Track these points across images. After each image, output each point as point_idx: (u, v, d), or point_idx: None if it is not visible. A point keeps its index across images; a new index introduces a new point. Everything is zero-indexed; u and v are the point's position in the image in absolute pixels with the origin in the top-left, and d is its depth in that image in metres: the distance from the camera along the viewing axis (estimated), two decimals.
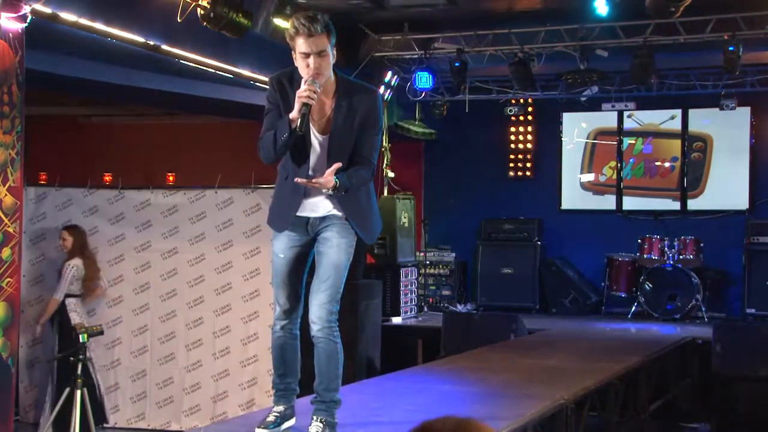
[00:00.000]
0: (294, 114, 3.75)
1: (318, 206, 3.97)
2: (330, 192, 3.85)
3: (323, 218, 3.98)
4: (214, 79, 8.28)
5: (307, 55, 3.75)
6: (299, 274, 4.08)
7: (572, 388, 5.56)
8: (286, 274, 4.05)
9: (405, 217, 10.61)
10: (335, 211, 3.97)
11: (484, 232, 12.18)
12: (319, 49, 3.74)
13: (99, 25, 6.57)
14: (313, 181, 3.82)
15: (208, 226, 8.60)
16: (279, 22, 7.73)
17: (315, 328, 3.94)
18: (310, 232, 4.01)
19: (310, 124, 3.88)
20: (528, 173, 12.95)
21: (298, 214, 3.99)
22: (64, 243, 8.15)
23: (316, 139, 3.92)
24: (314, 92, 3.73)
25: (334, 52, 3.85)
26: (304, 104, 3.72)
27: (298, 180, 3.84)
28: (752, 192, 11.74)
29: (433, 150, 13.16)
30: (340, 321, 4.04)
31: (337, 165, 3.81)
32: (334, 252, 3.95)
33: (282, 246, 4.05)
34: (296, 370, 4.20)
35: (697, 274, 10.86)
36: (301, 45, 3.76)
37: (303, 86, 3.75)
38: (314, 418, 3.97)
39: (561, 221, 12.44)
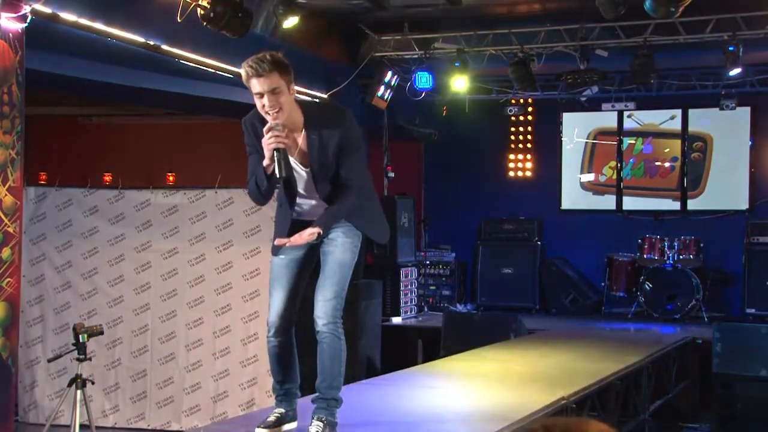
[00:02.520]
0: (266, 162, 3.77)
1: (319, 214, 3.95)
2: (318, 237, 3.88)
3: None
4: (214, 79, 8.27)
5: (261, 95, 3.76)
6: (299, 278, 4.06)
7: (572, 388, 5.56)
8: (285, 276, 4.04)
9: (405, 217, 10.61)
10: None
11: (484, 232, 12.18)
12: (271, 87, 3.73)
13: (99, 25, 6.57)
14: (293, 239, 3.86)
15: (208, 226, 8.59)
16: (286, 23, 7.76)
17: (320, 323, 3.94)
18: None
19: (293, 162, 3.91)
20: (528, 173, 12.95)
21: (302, 219, 3.99)
22: None
23: (300, 169, 3.94)
24: (279, 136, 3.73)
25: (293, 88, 3.82)
26: (276, 150, 3.73)
27: (278, 242, 3.92)
28: (752, 192, 11.74)
29: (433, 150, 13.16)
30: None
31: (317, 230, 3.82)
32: (339, 250, 3.97)
33: (284, 247, 4.05)
34: (296, 375, 4.18)
35: (697, 274, 10.85)
36: (254, 86, 3.76)
37: (266, 135, 3.75)
38: (315, 416, 3.97)
39: (561, 221, 12.44)
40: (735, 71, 9.88)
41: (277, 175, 3.76)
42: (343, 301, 3.98)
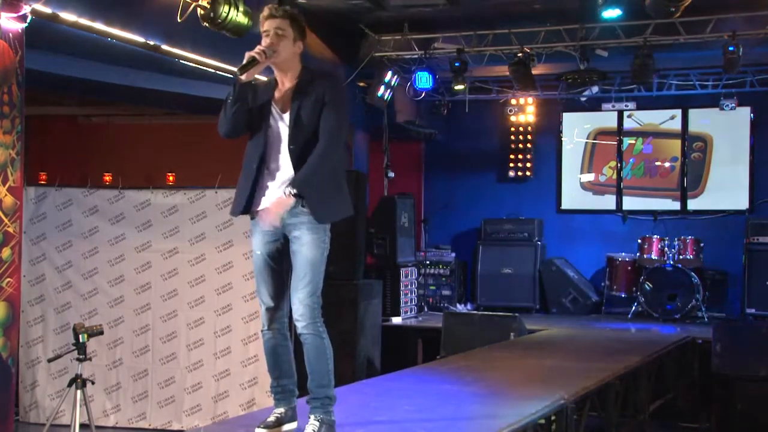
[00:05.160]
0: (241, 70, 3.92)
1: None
2: (294, 193, 3.88)
3: (290, 212, 3.93)
4: (214, 79, 8.28)
5: (267, 34, 3.98)
6: (281, 269, 4.09)
7: (572, 388, 5.56)
8: (266, 270, 4.07)
9: (405, 217, 10.61)
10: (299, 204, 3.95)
11: (484, 232, 12.19)
12: (275, 27, 3.97)
13: (99, 25, 6.58)
14: (268, 210, 3.92)
15: (208, 226, 8.60)
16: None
17: (300, 325, 3.97)
18: (280, 226, 4.01)
19: (273, 106, 4.02)
20: (528, 173, 12.95)
21: (266, 208, 3.98)
22: None
23: (276, 118, 4.03)
24: (263, 52, 3.91)
25: (299, 44, 4.03)
26: (253, 57, 3.90)
27: (262, 223, 3.98)
28: (752, 192, 11.74)
29: (433, 150, 13.17)
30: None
31: (289, 197, 3.86)
32: (307, 249, 3.97)
33: (257, 242, 4.10)
34: (291, 371, 4.19)
35: (697, 274, 10.85)
36: (263, 25, 4.02)
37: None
38: (311, 417, 3.98)
39: (561, 221, 12.44)
40: None
41: (238, 73, 3.90)
42: (320, 300, 4.00)
